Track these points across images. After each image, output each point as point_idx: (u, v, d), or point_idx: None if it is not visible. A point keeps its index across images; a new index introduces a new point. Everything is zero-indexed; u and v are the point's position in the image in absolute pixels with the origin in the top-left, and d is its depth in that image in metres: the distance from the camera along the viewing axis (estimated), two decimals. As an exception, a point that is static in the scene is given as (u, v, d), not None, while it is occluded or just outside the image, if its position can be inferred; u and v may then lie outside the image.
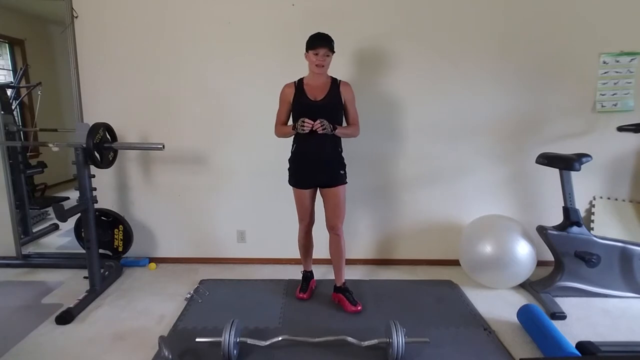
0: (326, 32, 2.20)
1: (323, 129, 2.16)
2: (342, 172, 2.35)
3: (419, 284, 2.81)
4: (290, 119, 2.37)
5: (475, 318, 2.36)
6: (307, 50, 2.22)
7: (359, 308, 2.39)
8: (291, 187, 2.42)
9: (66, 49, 2.86)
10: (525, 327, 2.20)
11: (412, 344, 1.96)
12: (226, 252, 3.16)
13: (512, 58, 2.83)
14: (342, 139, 2.35)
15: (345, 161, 2.37)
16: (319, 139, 2.22)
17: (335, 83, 2.31)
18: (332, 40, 2.21)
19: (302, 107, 2.26)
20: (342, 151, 2.36)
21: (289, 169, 2.40)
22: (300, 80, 2.32)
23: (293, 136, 2.33)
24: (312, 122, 2.15)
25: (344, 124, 2.38)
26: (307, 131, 2.16)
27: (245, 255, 3.16)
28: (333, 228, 2.41)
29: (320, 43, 2.17)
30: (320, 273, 2.88)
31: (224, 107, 2.93)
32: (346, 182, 2.38)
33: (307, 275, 2.67)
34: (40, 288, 2.73)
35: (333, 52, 2.22)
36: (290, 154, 2.38)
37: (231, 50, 2.85)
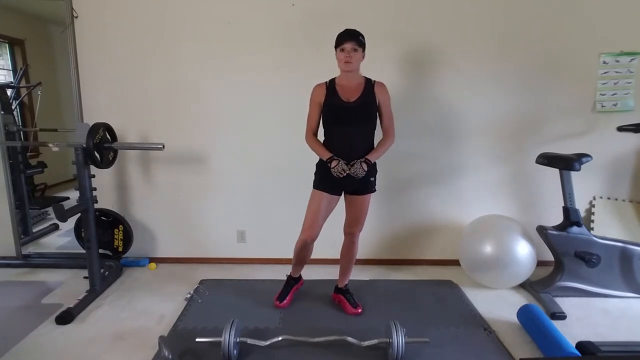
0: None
1: (356, 175, 2.08)
2: (372, 178, 2.23)
3: (419, 284, 2.81)
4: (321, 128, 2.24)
5: (475, 318, 2.36)
6: (335, 48, 2.09)
7: (359, 310, 2.39)
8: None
9: (66, 49, 2.86)
10: (525, 327, 2.20)
11: (412, 344, 1.96)
12: (226, 252, 3.16)
13: (512, 58, 2.83)
14: (374, 140, 2.21)
15: (377, 167, 2.26)
16: (352, 142, 2.11)
17: (369, 83, 2.16)
18: (360, 35, 2.06)
19: (335, 109, 2.12)
20: None
21: (315, 173, 2.26)
22: (332, 81, 2.17)
23: (324, 138, 2.21)
24: (347, 171, 2.06)
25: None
26: (340, 177, 2.07)
27: (245, 255, 3.16)
28: (352, 234, 2.35)
29: (345, 38, 2.03)
30: (322, 273, 2.88)
31: (223, 107, 2.93)
32: (375, 190, 2.28)
33: (292, 282, 2.51)
34: (40, 288, 2.73)
35: (362, 47, 2.07)
36: (319, 158, 2.23)
37: (231, 50, 2.85)
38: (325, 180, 2.20)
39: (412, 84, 2.88)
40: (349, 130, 2.12)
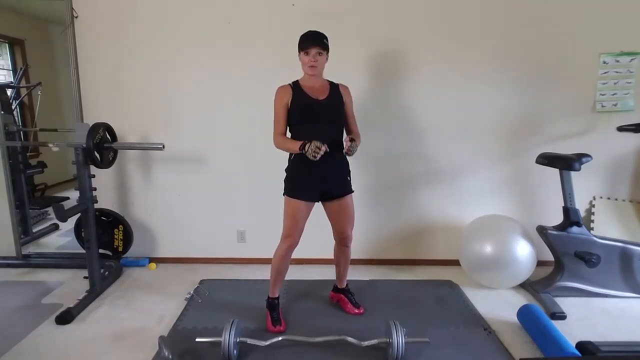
0: (324, 32, 2.09)
1: (351, 152, 2.01)
2: (348, 177, 2.21)
3: (419, 284, 2.81)
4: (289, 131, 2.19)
5: (475, 318, 2.36)
6: (299, 51, 2.08)
7: (362, 311, 2.38)
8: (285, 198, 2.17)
9: (66, 49, 2.86)
10: (525, 327, 2.20)
11: (412, 344, 1.95)
12: (226, 252, 3.16)
13: (512, 58, 2.83)
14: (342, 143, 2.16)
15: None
16: (323, 141, 1.98)
17: (334, 85, 2.18)
18: (324, 37, 2.04)
19: (305, 107, 2.07)
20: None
21: (286, 179, 2.17)
22: (296, 82, 2.15)
23: None
24: (326, 148, 1.92)
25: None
26: (317, 158, 1.91)
27: (245, 255, 3.16)
28: (345, 239, 2.27)
29: (310, 43, 2.01)
30: (321, 273, 2.88)
31: (223, 107, 2.93)
32: (353, 191, 2.23)
33: (276, 303, 2.31)
34: (40, 288, 2.73)
35: (326, 50, 2.05)
36: (288, 163, 2.17)
37: (231, 50, 2.85)
38: (300, 187, 2.12)
39: (411, 84, 2.88)
40: (319, 128, 2.07)
